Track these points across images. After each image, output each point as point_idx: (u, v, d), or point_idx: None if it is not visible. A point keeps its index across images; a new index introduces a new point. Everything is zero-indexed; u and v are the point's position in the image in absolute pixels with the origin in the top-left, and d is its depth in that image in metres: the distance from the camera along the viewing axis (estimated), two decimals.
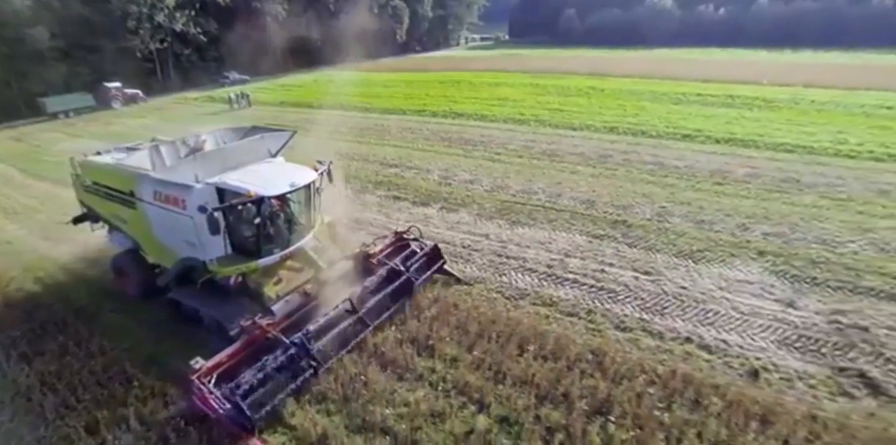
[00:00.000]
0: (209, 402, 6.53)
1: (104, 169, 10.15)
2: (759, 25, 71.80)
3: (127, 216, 9.81)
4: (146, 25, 39.26)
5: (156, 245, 9.54)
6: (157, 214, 8.86)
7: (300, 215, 9.21)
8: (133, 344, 9.09)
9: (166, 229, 8.95)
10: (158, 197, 8.65)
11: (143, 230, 9.56)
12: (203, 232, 7.83)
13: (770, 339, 8.64)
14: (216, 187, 8.21)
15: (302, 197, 8.95)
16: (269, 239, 8.55)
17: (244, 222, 8.44)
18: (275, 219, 8.60)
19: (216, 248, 8.31)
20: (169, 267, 9.50)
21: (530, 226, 13.10)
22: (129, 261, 10.42)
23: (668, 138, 21.33)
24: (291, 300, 8.64)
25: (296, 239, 9.04)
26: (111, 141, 25.27)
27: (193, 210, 7.86)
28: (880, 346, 8.42)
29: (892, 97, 28.71)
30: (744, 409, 6.98)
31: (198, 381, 6.66)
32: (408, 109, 29.56)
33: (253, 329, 7.50)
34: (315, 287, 8.95)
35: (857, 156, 18.56)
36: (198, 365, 6.82)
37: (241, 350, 7.39)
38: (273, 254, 8.64)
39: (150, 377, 8.12)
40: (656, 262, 11.14)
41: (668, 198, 14.75)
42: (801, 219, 13.23)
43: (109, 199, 10.06)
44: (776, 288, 10.15)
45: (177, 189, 8.29)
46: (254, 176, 8.45)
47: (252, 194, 7.68)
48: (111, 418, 7.31)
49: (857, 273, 10.63)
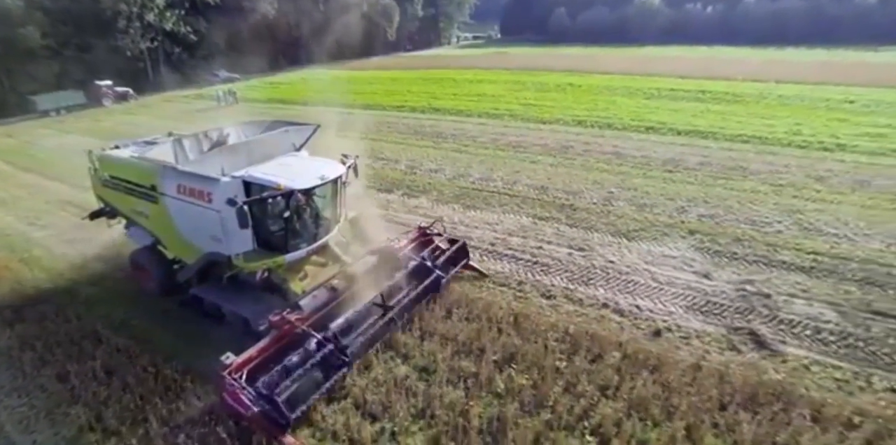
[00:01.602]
0: (241, 399, 6.28)
1: (124, 163, 9.86)
2: (747, 24, 72.66)
3: (147, 211, 9.51)
4: (136, 24, 40.05)
5: (178, 240, 9.31)
6: (181, 208, 8.64)
7: (327, 209, 9.05)
8: (107, 311, 9.97)
9: (190, 224, 8.75)
10: (182, 190, 8.42)
11: (164, 225, 9.32)
12: (229, 226, 7.73)
13: (679, 304, 9.52)
14: (243, 180, 7.98)
15: (329, 191, 8.81)
16: (296, 233, 8.44)
17: (272, 216, 8.35)
18: (301, 214, 8.47)
19: (242, 243, 8.15)
20: (190, 263, 9.30)
21: (482, 210, 13.98)
22: (149, 257, 10.20)
23: (632, 130, 22.21)
24: (319, 295, 8.38)
25: (322, 234, 8.93)
26: (99, 137, 26.24)
27: (220, 203, 7.74)
28: (777, 310, 9.31)
29: (856, 92, 29.64)
30: (638, 361, 7.84)
31: (229, 377, 6.44)
32: (388, 105, 30.40)
33: (282, 324, 7.24)
34: (342, 282, 8.76)
35: (807, 146, 19.44)
36: (228, 361, 6.62)
37: (270, 345, 7.17)
38: (300, 249, 8.54)
39: (121, 337, 9.07)
40: (592, 240, 12.02)
41: (618, 184, 15.63)
42: (738, 202, 14.11)
43: (129, 194, 9.74)
44: (696, 261, 11.04)
45: (202, 182, 8.06)
46: (282, 169, 8.23)
47: (282, 187, 7.54)
48: (80, 369, 8.21)
49: (775, 248, 11.52)
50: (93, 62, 38.26)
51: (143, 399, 7.45)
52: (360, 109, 30.25)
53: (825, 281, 10.20)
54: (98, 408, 7.37)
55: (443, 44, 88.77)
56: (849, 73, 37.18)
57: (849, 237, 12.06)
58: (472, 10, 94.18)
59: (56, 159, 22.16)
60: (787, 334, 8.68)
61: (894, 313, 9.14)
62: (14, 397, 7.85)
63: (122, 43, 39.83)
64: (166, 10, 41.73)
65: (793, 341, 8.51)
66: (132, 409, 7.30)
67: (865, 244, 11.69)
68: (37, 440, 7.03)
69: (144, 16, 40.21)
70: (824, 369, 7.82)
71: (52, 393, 7.81)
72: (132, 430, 6.92)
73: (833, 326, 8.85)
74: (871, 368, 7.85)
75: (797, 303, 9.50)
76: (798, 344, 8.43)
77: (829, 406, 6.94)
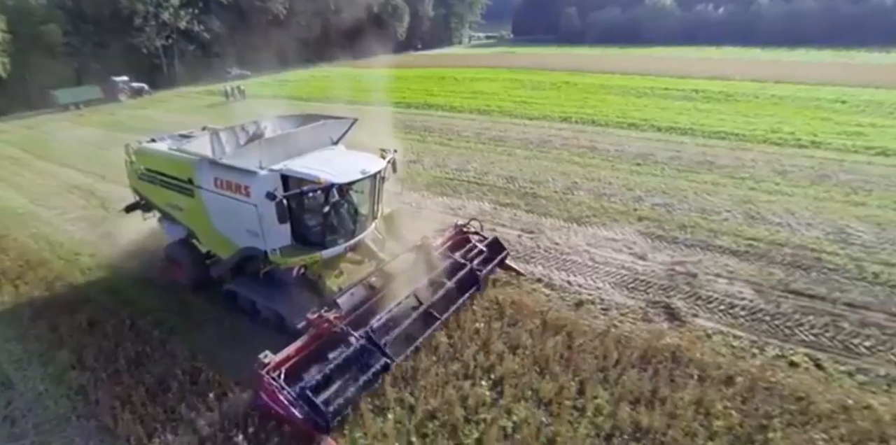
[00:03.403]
0: (280, 399, 6.20)
1: (161, 156, 9.76)
2: (759, 24, 71.97)
3: (183, 204, 9.44)
4: (152, 23, 41.84)
5: (213, 234, 9.21)
6: (217, 202, 8.52)
7: (364, 205, 8.94)
8: (100, 276, 11.28)
9: (226, 218, 8.64)
10: (219, 184, 8.30)
11: (200, 219, 9.21)
12: (267, 220, 7.64)
13: (609, 281, 10.32)
14: (281, 174, 7.84)
15: (367, 186, 8.66)
16: (334, 229, 8.36)
17: (310, 211, 8.26)
18: (339, 209, 8.40)
19: (280, 238, 8.04)
20: (225, 258, 9.24)
21: (449, 197, 14.91)
22: (183, 251, 10.11)
23: (614, 127, 22.87)
24: (356, 293, 8.18)
25: (360, 230, 8.82)
26: (112, 129, 27.90)
27: (258, 197, 7.59)
28: (699, 288, 10.04)
29: (850, 92, 29.69)
30: (553, 327, 8.65)
31: (268, 377, 6.32)
32: (386, 101, 31.41)
33: (320, 322, 7.07)
34: (379, 279, 8.64)
35: (782, 143, 19.90)
36: (267, 360, 6.49)
37: (308, 344, 7.03)
38: (338, 245, 8.41)
39: (108, 297, 10.25)
40: (543, 224, 12.86)
41: (584, 175, 16.40)
42: (694, 193, 14.78)
43: (165, 187, 9.66)
44: (637, 244, 11.80)
45: (240, 175, 7.93)
46: (321, 163, 8.07)
47: (322, 181, 7.42)
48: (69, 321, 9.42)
49: (716, 234, 12.21)
50: (110, 59, 40.12)
51: (117, 346, 8.59)
52: (361, 105, 31.28)
53: (753, 264, 10.88)
54: (80, 352, 8.51)
55: (454, 43, 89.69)
56: (852, 73, 37.08)
57: (791, 226, 12.67)
58: (483, 10, 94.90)
59: (69, 149, 23.71)
60: (702, 309, 9.42)
61: (808, 292, 9.80)
62: (13, 343, 9.07)
63: (138, 41, 41.66)
64: (181, 9, 43.45)
65: (704, 314, 9.26)
66: (107, 352, 8.43)
67: (805, 232, 12.29)
68: (27, 375, 8.19)
69: (160, 15, 42.00)
70: (724, 338, 8.55)
71: (45, 340, 9.00)
72: (104, 366, 8.07)
73: (747, 302, 9.56)
74: (769, 338, 8.57)
75: (720, 283, 10.22)
76: (708, 317, 9.17)
77: (715, 367, 7.69)
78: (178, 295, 10.11)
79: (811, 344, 8.43)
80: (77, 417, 7.27)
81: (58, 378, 8.07)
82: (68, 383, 7.92)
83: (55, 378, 8.07)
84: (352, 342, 7.04)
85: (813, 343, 8.47)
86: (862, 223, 12.74)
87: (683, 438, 6.43)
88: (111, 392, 7.54)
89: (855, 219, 12.94)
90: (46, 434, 7.02)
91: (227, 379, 7.56)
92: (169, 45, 45.26)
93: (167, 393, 7.40)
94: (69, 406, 7.49)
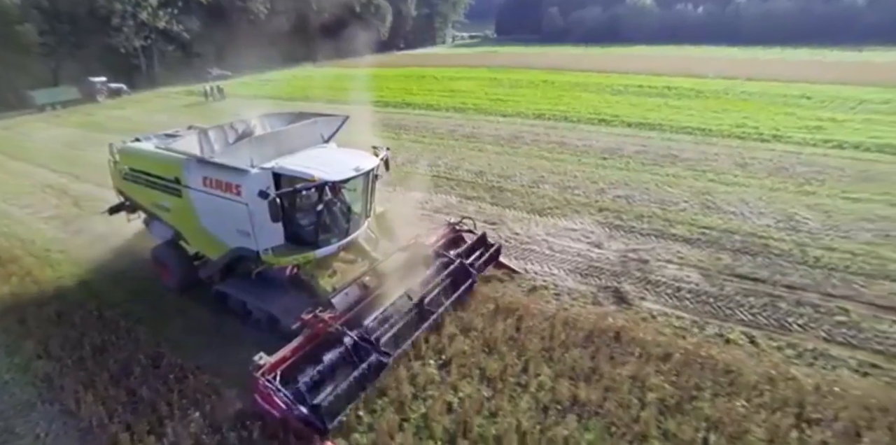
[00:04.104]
0: (276, 402, 6.09)
1: (146, 155, 9.54)
2: (737, 24, 73.40)
3: (170, 204, 9.23)
4: (130, 23, 41.61)
5: (201, 235, 9.01)
6: (206, 202, 8.34)
7: (358, 203, 8.85)
8: (68, 271, 11.39)
9: (215, 218, 8.47)
10: (208, 183, 8.12)
11: (187, 219, 9.02)
12: (259, 220, 7.54)
13: (564, 268, 10.76)
14: (273, 172, 7.70)
15: (360, 184, 8.56)
16: (327, 228, 8.26)
17: (302, 209, 8.14)
18: (332, 207, 8.33)
19: (272, 237, 7.92)
20: (214, 259, 9.06)
21: (417, 191, 15.23)
22: (170, 253, 9.93)
23: (586, 123, 23.43)
24: (350, 292, 8.08)
25: (353, 229, 8.75)
26: (89, 129, 27.85)
27: (250, 196, 7.44)
28: (649, 273, 10.52)
29: (817, 88, 30.57)
30: (506, 311, 9.01)
31: (263, 379, 6.18)
32: (365, 100, 31.70)
33: (315, 322, 6.99)
34: (373, 279, 8.53)
35: (745, 137, 20.58)
36: (262, 362, 6.35)
37: (303, 345, 6.90)
38: (331, 244, 8.34)
39: (76, 291, 10.44)
40: (506, 216, 13.28)
41: (551, 169, 16.87)
42: (656, 185, 15.31)
43: (150, 187, 9.45)
44: (594, 234, 12.27)
45: (231, 174, 7.76)
46: (314, 160, 7.97)
47: (316, 179, 7.30)
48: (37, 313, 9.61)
49: (671, 224, 12.73)
50: (88, 59, 39.87)
51: (83, 335, 8.83)
52: (339, 104, 31.51)
53: (704, 251, 11.40)
54: (46, 342, 8.74)
55: (438, 43, 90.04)
56: (821, 71, 38.08)
57: (744, 215, 13.23)
58: (467, 10, 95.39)
59: (44, 149, 23.64)
60: (650, 292, 9.89)
61: (752, 276, 10.33)
62: None
63: (116, 41, 41.42)
64: (159, 9, 43.27)
65: (651, 297, 9.73)
66: (73, 341, 8.67)
67: (756, 221, 12.86)
68: None
69: (138, 14, 41.77)
70: (668, 318, 9.02)
71: (12, 332, 9.19)
72: (70, 354, 8.32)
73: (693, 286, 10.05)
74: (710, 318, 9.05)
75: (669, 268, 10.71)
76: (655, 300, 9.64)
77: (655, 345, 8.14)
78: (148, 289, 10.33)
79: (748, 323, 8.92)
80: (42, 402, 7.50)
81: (24, 367, 8.28)
82: (34, 371, 8.12)
83: (21, 368, 8.27)
84: (347, 342, 6.94)
85: (750, 322, 8.97)
86: (811, 211, 13.35)
87: (617, 409, 6.85)
88: (75, 377, 7.79)
89: (805, 208, 13.55)
90: (11, 420, 7.23)
91: (189, 363, 7.88)
92: (148, 46, 45.02)
93: (129, 377, 7.68)
94: (34, 393, 7.70)
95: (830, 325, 8.78)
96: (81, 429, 6.89)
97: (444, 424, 6.59)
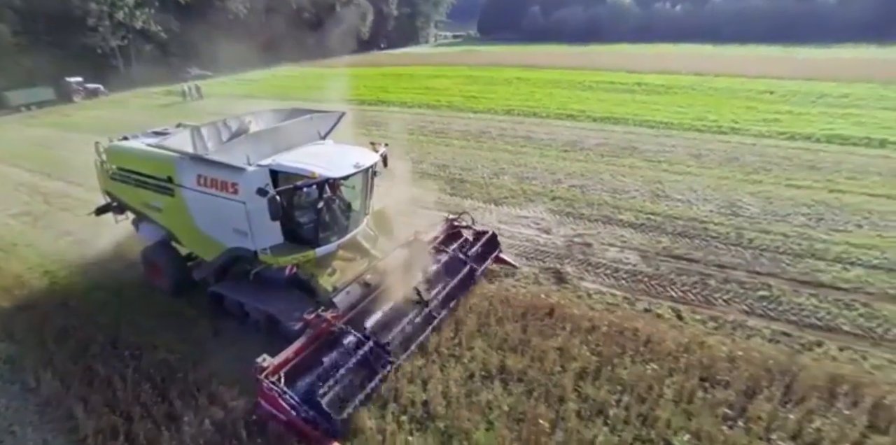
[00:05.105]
0: (281, 404, 5.96)
1: (136, 154, 9.28)
2: (713, 22, 74.97)
3: (162, 204, 9.00)
4: (106, 23, 41.55)
5: (195, 235, 8.77)
6: (201, 201, 8.12)
7: (357, 200, 8.71)
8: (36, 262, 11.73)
9: (210, 217, 8.28)
10: (203, 181, 7.91)
11: (181, 219, 8.78)
12: (257, 218, 7.38)
13: (511, 252, 11.27)
14: (270, 169, 7.49)
15: (360, 180, 8.44)
16: (326, 226, 8.07)
17: (302, 207, 7.98)
18: (331, 205, 8.17)
19: (271, 236, 7.73)
20: (209, 259, 8.82)
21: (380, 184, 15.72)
22: (162, 254, 9.67)
23: (553, 118, 24.12)
24: (352, 291, 7.97)
25: (353, 227, 8.60)
26: (64, 129, 27.97)
27: (248, 194, 7.33)
28: (591, 256, 11.14)
29: (781, 84, 31.58)
30: None
31: (267, 381, 6.07)
32: (341, 98, 32.07)
33: (318, 322, 6.86)
34: (374, 277, 8.37)
35: (705, 130, 21.38)
36: (265, 363, 6.22)
37: (306, 345, 6.78)
38: (331, 243, 8.16)
39: (41, 278, 10.79)
40: (464, 205, 13.84)
41: (512, 162, 17.48)
42: (610, 176, 15.97)
43: (141, 187, 9.21)
44: (545, 220, 12.88)
45: (227, 172, 7.56)
46: (312, 157, 7.78)
47: (316, 175, 7.08)
48: None
49: (620, 210, 13.37)
50: (64, 59, 39.72)
51: (46, 320, 9.17)
52: (315, 103, 31.89)
53: (646, 235, 12.05)
54: (11, 328, 9.12)
55: (420, 43, 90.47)
56: (790, 67, 39.20)
57: (690, 202, 13.93)
58: (449, 9, 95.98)
59: (18, 149, 23.74)
60: (590, 273, 10.49)
61: (687, 256, 10.99)
62: None
63: (92, 41, 41.32)
64: (136, 9, 43.23)
65: (590, 277, 10.33)
66: (36, 326, 9.05)
67: (700, 207, 13.56)
68: None
69: (114, 14, 41.71)
70: (602, 296, 9.61)
71: None
72: (31, 337, 8.74)
73: (631, 267, 10.68)
74: (642, 295, 9.68)
75: (611, 251, 11.34)
76: (593, 280, 10.24)
77: (586, 320, 8.69)
78: (111, 279, 10.69)
79: (677, 299, 9.55)
80: (3, 382, 7.90)
81: None
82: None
83: None
84: (351, 341, 6.89)
85: (679, 298, 9.60)
86: (753, 198, 14.09)
87: (541, 375, 7.40)
88: (36, 357, 8.20)
89: (748, 195, 14.28)
90: None
91: (145, 342, 8.32)
92: (125, 45, 44.95)
93: (87, 355, 8.09)
94: None
95: (753, 300, 9.44)
96: (39, 404, 7.29)
97: (379, 392, 7.08)
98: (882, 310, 9.04)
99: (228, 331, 8.60)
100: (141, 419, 6.67)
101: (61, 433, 6.71)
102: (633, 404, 6.86)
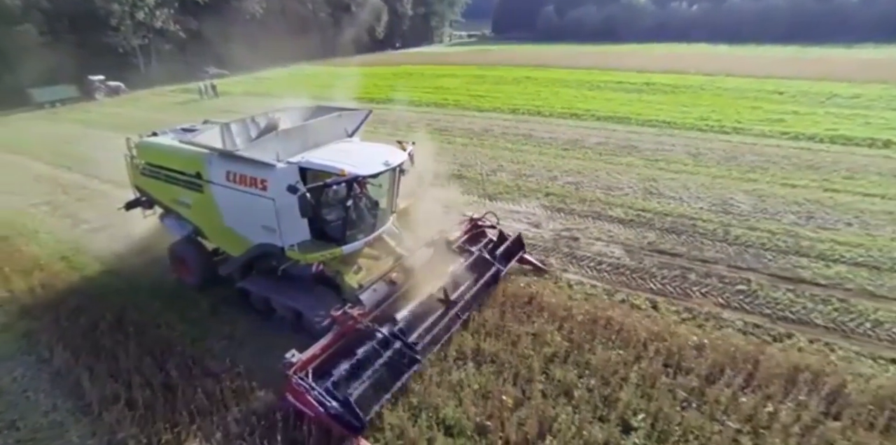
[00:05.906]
0: (309, 400, 6.05)
1: (165, 149, 9.46)
2: (731, 21, 73.91)
3: (190, 200, 9.15)
4: (127, 23, 42.88)
5: (223, 231, 8.92)
6: (229, 197, 8.26)
7: (384, 198, 8.79)
8: (52, 248, 12.50)
9: (239, 213, 8.39)
10: (232, 178, 7.99)
11: (208, 215, 8.93)
12: (286, 215, 7.48)
13: None
14: (299, 166, 7.57)
15: (387, 179, 8.47)
16: (354, 223, 8.12)
17: (330, 205, 8.10)
18: (359, 202, 8.25)
19: (299, 233, 7.81)
20: (235, 255, 8.90)
21: None
22: (189, 249, 9.81)
23: (557, 117, 24.39)
24: (378, 289, 8.10)
25: (380, 225, 8.67)
26: (84, 125, 29.06)
27: (277, 191, 7.38)
28: (577, 249, 11.51)
29: (791, 84, 31.30)
30: None
31: (296, 377, 6.17)
32: (351, 97, 32.74)
33: (345, 319, 6.93)
34: (400, 275, 8.53)
35: (707, 130, 21.47)
36: (294, 359, 6.32)
37: (333, 342, 6.88)
38: (358, 240, 8.21)
39: (58, 262, 11.54)
40: (459, 200, 14.27)
41: (511, 159, 17.86)
42: (606, 173, 16.26)
43: (170, 182, 9.37)
44: (536, 215, 13.26)
45: (257, 169, 7.62)
46: (341, 155, 7.85)
47: (345, 173, 7.08)
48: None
49: (611, 207, 13.69)
50: (87, 58, 41.09)
51: (62, 301, 9.96)
52: (325, 101, 32.63)
53: (633, 230, 12.36)
54: (29, 306, 9.90)
55: (435, 42, 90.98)
56: (805, 67, 38.72)
57: (682, 199, 14.17)
58: (464, 9, 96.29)
59: (41, 144, 24.85)
60: (573, 265, 10.87)
61: (671, 251, 11.30)
62: None
63: (114, 40, 42.68)
64: (156, 9, 44.50)
65: (574, 269, 10.71)
66: (52, 305, 9.82)
67: (691, 204, 13.80)
68: None
69: (135, 14, 43.02)
70: (583, 287, 9.98)
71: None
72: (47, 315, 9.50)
73: (614, 260, 11.03)
74: (622, 287, 10.03)
75: (597, 245, 11.69)
76: (576, 272, 10.62)
77: (564, 309, 9.07)
78: (124, 262, 11.44)
79: (656, 291, 9.89)
80: (21, 354, 8.61)
81: (9, 326, 9.39)
82: (16, 329, 9.25)
83: (5, 327, 9.38)
84: (377, 338, 7.01)
85: (658, 290, 9.93)
86: (746, 196, 14.28)
87: (514, 358, 7.80)
88: (51, 333, 8.92)
89: (741, 193, 14.47)
90: None
91: (148, 320, 8.99)
92: (145, 45, 46.30)
93: (95, 331, 8.77)
94: (15, 348, 8.80)
95: (730, 293, 9.73)
96: (52, 373, 7.98)
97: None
98: (858, 306, 9.24)
99: (226, 314, 9.20)
100: (140, 387, 7.28)
101: (69, 398, 7.38)
102: (597, 386, 7.24)
